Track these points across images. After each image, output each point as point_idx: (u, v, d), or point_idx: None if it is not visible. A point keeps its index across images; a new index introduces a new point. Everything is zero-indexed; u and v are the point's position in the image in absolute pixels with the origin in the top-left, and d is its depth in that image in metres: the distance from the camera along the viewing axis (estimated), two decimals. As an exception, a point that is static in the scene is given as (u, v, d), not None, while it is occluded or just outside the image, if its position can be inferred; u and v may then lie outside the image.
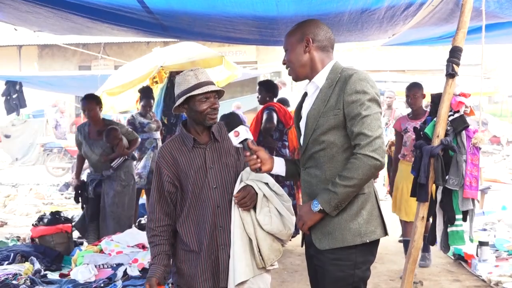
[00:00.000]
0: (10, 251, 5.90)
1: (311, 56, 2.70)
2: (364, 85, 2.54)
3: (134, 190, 6.71)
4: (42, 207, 9.85)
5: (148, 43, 18.28)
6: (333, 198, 2.52)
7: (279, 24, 4.72)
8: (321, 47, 2.71)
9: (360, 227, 2.59)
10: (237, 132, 2.72)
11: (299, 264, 6.12)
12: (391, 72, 19.52)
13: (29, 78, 11.56)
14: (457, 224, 3.51)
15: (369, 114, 2.51)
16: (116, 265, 5.27)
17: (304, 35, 2.69)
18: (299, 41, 2.70)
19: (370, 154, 2.47)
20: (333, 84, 2.61)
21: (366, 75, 2.59)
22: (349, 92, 2.53)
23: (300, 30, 2.73)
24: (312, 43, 2.68)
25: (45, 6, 4.15)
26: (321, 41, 2.70)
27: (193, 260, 2.90)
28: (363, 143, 2.48)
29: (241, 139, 2.73)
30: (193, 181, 2.86)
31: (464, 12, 3.38)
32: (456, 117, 3.41)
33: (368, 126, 2.49)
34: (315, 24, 2.73)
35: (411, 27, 5.10)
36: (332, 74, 2.65)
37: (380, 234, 2.66)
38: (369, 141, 2.48)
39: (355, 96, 2.52)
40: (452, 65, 3.38)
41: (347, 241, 2.58)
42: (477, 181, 3.43)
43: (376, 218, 2.65)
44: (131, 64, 9.21)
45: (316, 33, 2.69)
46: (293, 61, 2.74)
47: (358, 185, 2.51)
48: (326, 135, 2.60)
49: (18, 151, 17.62)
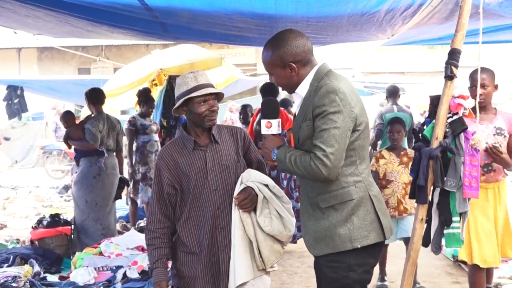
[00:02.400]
0: (10, 253, 5.90)
1: (299, 74, 2.73)
2: (332, 97, 2.54)
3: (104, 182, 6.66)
4: (42, 209, 9.84)
5: (147, 46, 18.28)
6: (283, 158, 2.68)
7: (278, 22, 4.72)
8: (304, 62, 2.71)
9: (350, 232, 2.61)
10: (270, 123, 2.78)
11: (298, 266, 6.12)
12: (390, 74, 19.56)
13: (30, 83, 11.60)
14: (454, 226, 3.50)
15: (328, 128, 2.52)
16: (116, 268, 5.28)
17: (285, 62, 2.69)
18: (282, 67, 2.71)
19: (317, 164, 2.52)
20: (311, 94, 2.65)
21: (336, 87, 2.57)
22: (316, 104, 2.57)
23: (277, 56, 2.69)
24: (295, 65, 2.69)
25: (44, 8, 4.14)
26: (302, 59, 2.70)
27: (194, 262, 2.91)
28: (318, 153, 2.52)
29: (270, 132, 2.79)
30: (193, 183, 2.87)
31: (462, 14, 3.38)
32: (455, 119, 3.41)
33: (324, 141, 2.52)
34: (290, 44, 2.68)
35: (410, 28, 5.11)
36: (314, 81, 2.69)
37: (374, 238, 2.66)
38: (322, 154, 2.51)
39: (320, 109, 2.56)
40: (451, 67, 3.38)
41: (337, 246, 2.62)
42: (477, 181, 3.43)
43: (370, 223, 2.65)
44: (131, 66, 9.22)
45: (295, 54, 2.68)
46: (283, 83, 2.79)
47: (294, 173, 2.73)
48: (304, 145, 2.68)
49: (17, 153, 17.62)
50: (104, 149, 6.59)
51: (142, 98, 7.50)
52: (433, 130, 3.44)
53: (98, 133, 6.52)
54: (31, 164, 17.60)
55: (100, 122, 6.60)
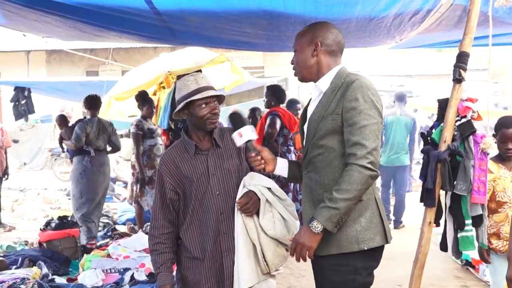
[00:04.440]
0: (18, 255, 5.94)
1: (318, 60, 2.70)
2: (365, 92, 2.52)
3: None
4: (50, 211, 9.91)
5: (155, 48, 18.34)
6: (334, 215, 2.46)
7: (287, 24, 4.71)
8: (329, 51, 2.71)
9: (358, 234, 2.57)
10: (241, 133, 2.74)
11: (305, 269, 6.11)
12: (398, 77, 19.50)
13: (38, 84, 11.62)
14: (467, 229, 3.48)
15: (368, 124, 2.49)
16: (123, 270, 5.30)
17: (313, 38, 2.69)
18: (308, 43, 2.71)
19: (367, 166, 2.46)
20: (336, 89, 2.61)
21: (368, 82, 2.57)
22: (349, 98, 2.52)
23: (310, 32, 2.73)
24: (320, 46, 2.68)
25: (53, 14, 4.17)
26: (329, 45, 2.70)
27: (197, 267, 2.89)
28: (360, 153, 2.46)
29: (244, 140, 2.74)
30: (195, 188, 2.85)
31: (471, 17, 3.38)
32: (463, 122, 3.40)
33: (366, 137, 2.48)
34: (326, 28, 2.72)
35: (418, 33, 5.10)
36: (336, 79, 2.65)
37: (379, 241, 2.63)
38: (366, 152, 2.46)
39: (355, 103, 2.51)
40: (459, 70, 3.37)
41: (344, 247, 2.56)
42: (485, 186, 3.41)
43: (376, 226, 2.62)
44: (138, 69, 9.24)
45: (325, 37, 2.69)
46: (300, 63, 2.75)
47: (357, 196, 2.48)
48: (324, 139, 2.60)
49: (26, 155, 17.71)
50: (90, 149, 7.28)
51: (140, 101, 7.58)
52: (441, 133, 3.44)
53: (83, 135, 7.24)
54: (39, 166, 17.67)
55: (89, 125, 7.34)
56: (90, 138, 7.29)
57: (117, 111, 9.15)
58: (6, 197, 11.03)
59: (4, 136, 9.41)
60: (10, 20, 4.57)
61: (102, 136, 7.44)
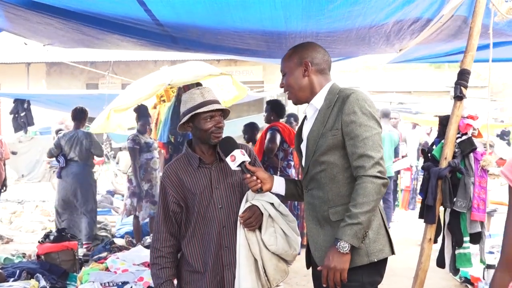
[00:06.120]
0: (16, 267, 5.90)
1: (310, 80, 2.73)
2: (362, 104, 2.55)
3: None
4: (48, 224, 9.85)
5: (155, 62, 18.39)
6: (358, 230, 2.46)
7: (287, 38, 4.75)
8: (319, 70, 2.74)
9: (367, 246, 2.55)
10: (233, 156, 2.74)
11: (304, 285, 6.09)
12: (397, 93, 19.58)
13: (37, 96, 11.64)
14: (465, 246, 3.49)
15: (370, 135, 2.52)
16: (122, 283, 5.26)
17: (302, 59, 2.72)
18: (297, 65, 2.74)
19: (378, 175, 2.48)
20: (332, 105, 2.63)
21: (364, 95, 2.60)
22: (347, 112, 2.55)
23: (297, 54, 2.76)
24: (310, 66, 2.71)
25: (56, 17, 4.20)
26: (319, 64, 2.74)
27: (198, 281, 2.87)
28: (368, 164, 2.48)
29: (238, 163, 2.74)
30: (198, 201, 2.84)
31: (472, 35, 3.41)
32: (464, 139, 3.42)
33: (371, 148, 2.50)
34: (313, 48, 2.76)
35: (418, 43, 5.12)
36: (330, 95, 2.68)
37: (388, 252, 2.63)
38: (374, 162, 2.48)
39: (353, 116, 2.53)
40: (460, 87, 3.40)
41: (354, 261, 2.53)
42: (485, 203, 3.42)
43: (383, 237, 2.62)
44: (139, 82, 9.25)
45: (314, 57, 2.73)
46: (292, 85, 2.77)
47: (375, 206, 2.49)
48: (326, 155, 2.61)
49: (24, 167, 17.68)
50: (61, 160, 7.90)
51: (137, 115, 7.65)
52: (442, 150, 3.45)
53: (54, 148, 8.00)
54: (38, 178, 17.63)
55: (63, 139, 7.98)
56: (64, 150, 7.90)
57: (117, 124, 9.13)
58: (4, 209, 11.01)
59: (3, 148, 9.40)
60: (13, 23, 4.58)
61: (75, 149, 7.92)
